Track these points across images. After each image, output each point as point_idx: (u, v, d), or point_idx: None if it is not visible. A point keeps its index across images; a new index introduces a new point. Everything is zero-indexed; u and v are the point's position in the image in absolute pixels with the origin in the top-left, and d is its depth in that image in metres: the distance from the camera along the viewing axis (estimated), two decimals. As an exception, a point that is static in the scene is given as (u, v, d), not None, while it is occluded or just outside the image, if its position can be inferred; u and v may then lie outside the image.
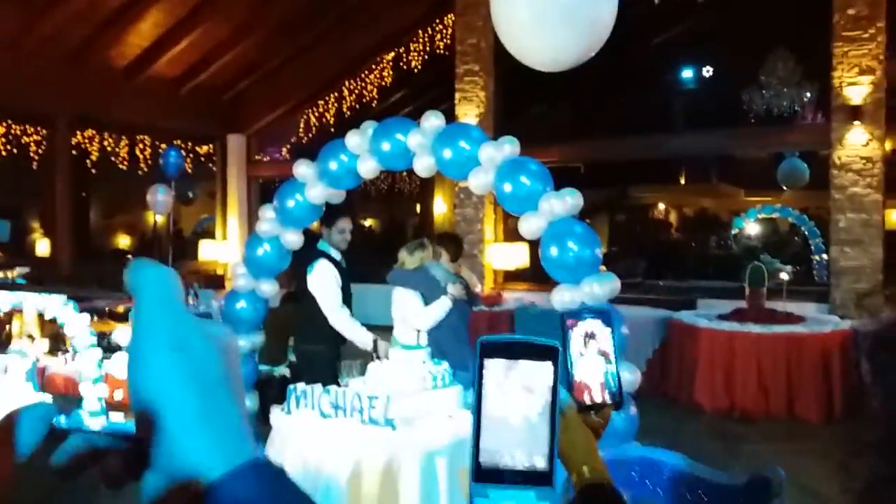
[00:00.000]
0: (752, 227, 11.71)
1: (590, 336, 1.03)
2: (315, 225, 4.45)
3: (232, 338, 0.50)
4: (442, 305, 4.12)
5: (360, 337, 4.17)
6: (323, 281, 4.02)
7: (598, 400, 1.02)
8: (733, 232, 10.39)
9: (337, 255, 4.25)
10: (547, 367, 0.64)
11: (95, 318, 4.48)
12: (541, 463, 0.63)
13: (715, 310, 7.38)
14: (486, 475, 0.63)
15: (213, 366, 0.49)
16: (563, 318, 1.02)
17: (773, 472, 2.72)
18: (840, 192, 7.61)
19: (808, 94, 9.01)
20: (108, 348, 3.94)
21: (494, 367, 0.63)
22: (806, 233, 9.08)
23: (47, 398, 3.35)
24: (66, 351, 4.20)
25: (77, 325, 3.07)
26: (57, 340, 4.34)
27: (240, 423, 0.49)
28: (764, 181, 13.17)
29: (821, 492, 4.53)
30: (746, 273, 7.16)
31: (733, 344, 6.52)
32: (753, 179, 14.98)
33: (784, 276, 7.63)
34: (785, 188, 11.34)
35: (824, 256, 8.27)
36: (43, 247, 9.74)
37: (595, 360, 1.03)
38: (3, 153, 8.69)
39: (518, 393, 0.63)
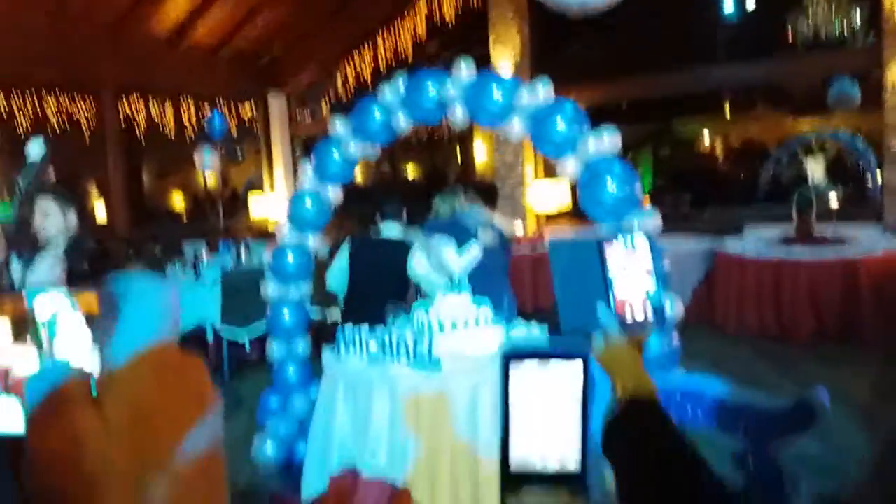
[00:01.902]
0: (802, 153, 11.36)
1: (631, 253, 1.05)
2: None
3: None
4: (472, 252, 4.21)
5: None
6: (427, 263, 4.19)
7: (640, 317, 1.05)
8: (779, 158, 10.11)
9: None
10: (577, 365, 0.63)
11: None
12: (572, 465, 0.63)
13: (763, 235, 7.24)
14: (516, 483, 0.62)
15: None
16: (599, 244, 1.04)
17: (817, 396, 2.75)
18: (893, 112, 7.35)
19: (858, 16, 8.60)
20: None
21: (521, 371, 0.62)
22: (858, 155, 8.78)
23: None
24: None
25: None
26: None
27: None
28: (813, 105, 12.69)
29: (874, 412, 4.47)
30: (794, 199, 7.01)
31: (782, 271, 6.42)
32: (801, 104, 14.43)
33: (833, 201, 7.44)
34: (835, 111, 10.91)
35: (878, 178, 8.02)
36: (101, 212, 10.12)
37: (637, 279, 1.05)
38: (58, 130, 8.98)
39: (547, 395, 0.62)
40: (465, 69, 3.42)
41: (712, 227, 7.80)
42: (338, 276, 4.48)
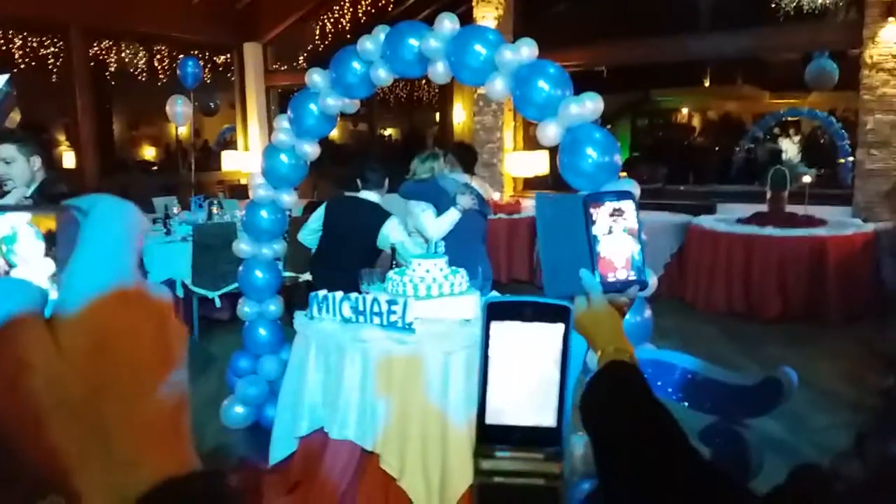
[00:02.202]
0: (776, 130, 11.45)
1: (618, 212, 1.04)
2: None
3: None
4: (450, 217, 4.15)
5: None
6: (402, 233, 4.12)
7: (623, 278, 1.05)
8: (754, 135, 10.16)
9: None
10: (558, 329, 0.60)
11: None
12: (548, 420, 0.61)
13: (735, 214, 7.33)
14: (491, 436, 0.61)
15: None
16: (585, 201, 1.04)
17: (785, 373, 2.77)
18: (870, 92, 7.38)
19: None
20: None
21: (502, 330, 0.60)
22: (833, 135, 8.86)
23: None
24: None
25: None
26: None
27: None
28: (791, 83, 12.74)
29: (835, 391, 4.59)
30: (768, 177, 7.07)
31: (752, 247, 6.51)
32: (780, 81, 14.49)
33: (807, 179, 7.52)
34: (812, 90, 11.00)
35: (850, 159, 8.10)
36: (69, 160, 9.82)
37: (622, 238, 1.04)
38: (23, 66, 8.65)
39: (527, 356, 0.60)
40: (448, 22, 3.32)
41: (687, 203, 7.83)
42: (311, 234, 4.40)
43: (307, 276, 5.45)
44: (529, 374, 0.61)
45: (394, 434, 3.04)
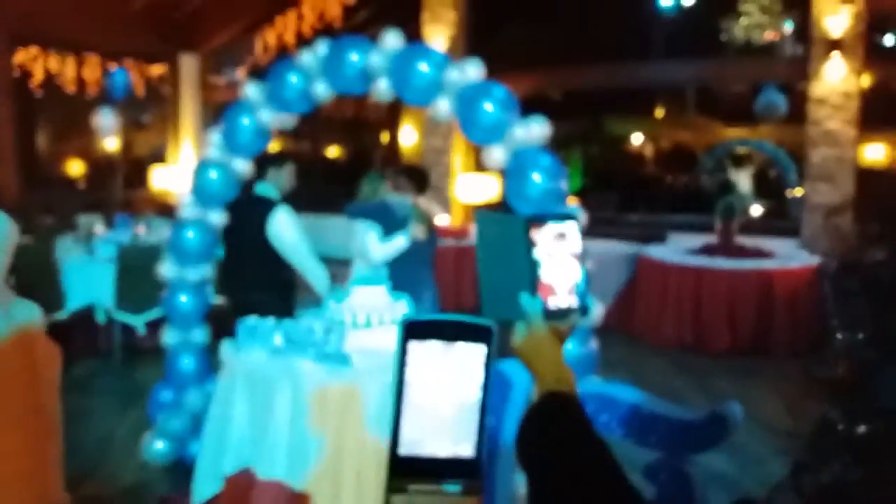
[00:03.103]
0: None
1: (561, 236, 1.01)
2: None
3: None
4: (396, 243, 4.00)
5: (323, 285, 4.02)
6: (293, 228, 3.86)
7: (564, 305, 1.01)
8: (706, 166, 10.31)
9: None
10: (480, 349, 0.57)
11: None
12: (466, 451, 0.58)
13: (685, 244, 7.34)
14: (405, 469, 0.57)
15: None
16: (526, 221, 0.99)
17: (730, 409, 2.72)
18: (815, 126, 7.50)
19: (788, 25, 8.79)
20: None
21: (420, 350, 0.57)
22: (781, 168, 8.99)
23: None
24: None
25: None
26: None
27: None
28: (741, 114, 13.03)
29: (779, 424, 4.62)
30: (718, 208, 7.09)
31: (701, 279, 6.52)
32: (731, 112, 14.83)
33: (756, 211, 7.58)
34: (762, 121, 11.23)
35: (798, 192, 8.21)
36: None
37: (566, 262, 1.01)
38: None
39: (446, 378, 0.57)
40: (392, 39, 3.18)
41: (637, 232, 7.82)
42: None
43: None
44: (448, 400, 0.58)
45: (327, 473, 2.88)
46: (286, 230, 3.83)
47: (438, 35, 8.92)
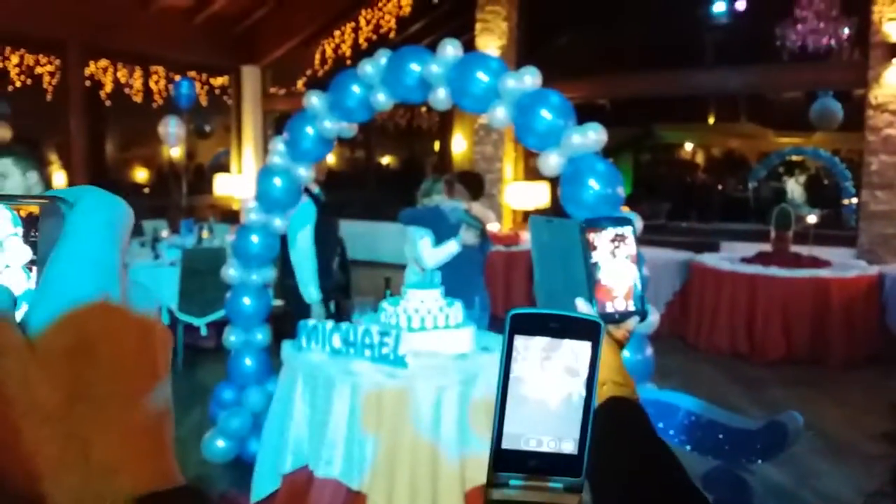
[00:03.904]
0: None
1: (620, 239, 0.99)
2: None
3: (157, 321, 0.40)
4: (448, 248, 4.05)
5: (308, 291, 4.32)
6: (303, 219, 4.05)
7: (622, 308, 0.99)
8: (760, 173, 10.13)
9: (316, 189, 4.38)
10: (586, 347, 0.56)
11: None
12: (569, 448, 0.57)
13: (739, 253, 7.23)
14: (506, 463, 0.57)
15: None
16: (582, 226, 0.98)
17: (791, 418, 2.68)
18: (874, 133, 7.33)
19: (846, 30, 8.59)
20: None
21: (525, 346, 0.56)
22: (837, 175, 8.80)
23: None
24: None
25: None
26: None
27: None
28: (795, 122, 12.75)
29: (839, 438, 4.51)
30: (773, 216, 6.98)
31: (756, 287, 6.41)
32: (784, 120, 14.52)
33: (811, 219, 7.43)
34: (817, 129, 11.00)
35: (854, 200, 8.03)
36: (60, 180, 9.74)
37: (625, 266, 0.99)
38: (18, 84, 8.60)
39: (552, 375, 0.56)
40: (450, 49, 3.25)
41: (689, 240, 7.73)
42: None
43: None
44: (553, 396, 0.57)
45: (382, 473, 2.93)
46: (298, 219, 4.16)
47: (491, 45, 8.99)
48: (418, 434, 2.96)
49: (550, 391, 0.56)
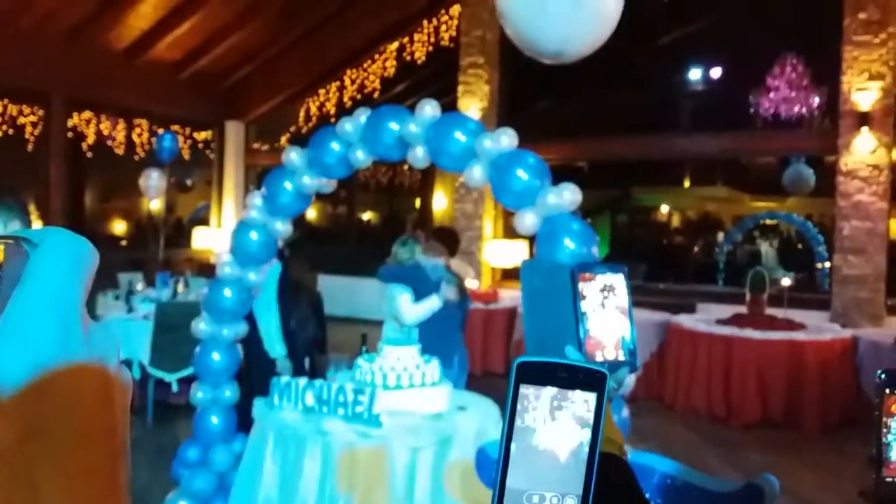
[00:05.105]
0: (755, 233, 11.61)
1: (609, 289, 0.98)
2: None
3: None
4: (429, 304, 4.04)
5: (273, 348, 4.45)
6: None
7: (612, 358, 0.98)
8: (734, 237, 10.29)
9: None
10: (591, 398, 0.55)
11: None
12: (571, 502, 0.55)
13: (715, 314, 7.28)
14: None
15: None
16: (573, 271, 0.97)
17: (768, 482, 2.67)
18: (845, 199, 7.50)
19: (817, 99, 8.89)
20: None
21: (531, 395, 0.55)
22: (810, 240, 8.96)
23: None
24: None
25: None
26: None
27: None
28: (769, 187, 13.06)
29: (813, 501, 4.51)
30: (748, 278, 7.06)
31: (732, 349, 6.44)
32: (758, 184, 14.87)
33: (786, 282, 7.52)
34: (790, 194, 11.25)
35: (827, 264, 8.15)
36: (37, 230, 9.66)
37: (614, 316, 0.98)
38: (0, 133, 8.60)
39: (562, 426, 0.55)
40: (429, 109, 3.31)
41: (665, 302, 7.78)
42: None
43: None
44: (562, 447, 0.55)
45: None
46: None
47: (472, 107, 9.17)
48: (392, 496, 2.91)
49: (560, 442, 0.55)
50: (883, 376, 0.85)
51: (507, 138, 3.21)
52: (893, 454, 0.82)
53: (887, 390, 0.84)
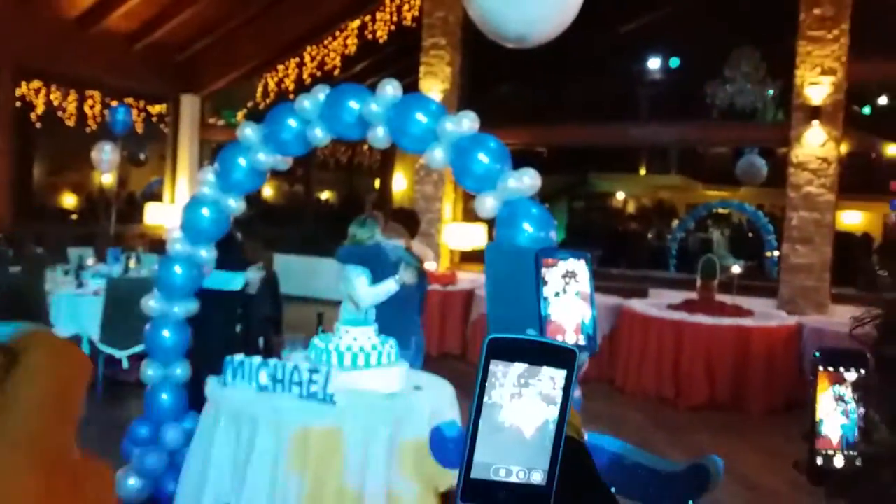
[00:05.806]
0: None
1: (571, 275, 1.00)
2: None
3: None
4: (385, 287, 4.03)
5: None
6: None
7: (572, 342, 0.98)
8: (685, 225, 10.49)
9: None
10: (560, 375, 0.56)
11: None
12: (538, 478, 0.56)
13: (666, 300, 7.42)
14: (474, 493, 0.56)
15: None
16: (537, 255, 0.99)
17: (712, 461, 2.75)
18: (795, 190, 7.70)
19: (771, 92, 9.08)
20: None
21: (502, 372, 0.55)
22: (760, 229, 9.18)
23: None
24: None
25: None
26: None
27: None
28: (722, 176, 13.32)
29: (757, 482, 4.67)
30: (699, 265, 7.21)
31: (682, 334, 6.58)
32: (712, 174, 15.16)
33: (735, 270, 7.70)
34: (743, 184, 11.49)
35: (776, 253, 8.37)
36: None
37: (574, 302, 0.99)
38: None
39: (529, 402, 0.56)
40: (390, 88, 3.29)
41: (619, 286, 7.90)
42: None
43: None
44: (528, 423, 0.56)
45: None
46: None
47: (434, 88, 9.12)
48: (345, 475, 2.90)
49: (526, 418, 0.56)
50: (817, 354, 0.89)
51: (468, 121, 3.22)
52: (824, 429, 0.86)
53: (821, 367, 0.87)
